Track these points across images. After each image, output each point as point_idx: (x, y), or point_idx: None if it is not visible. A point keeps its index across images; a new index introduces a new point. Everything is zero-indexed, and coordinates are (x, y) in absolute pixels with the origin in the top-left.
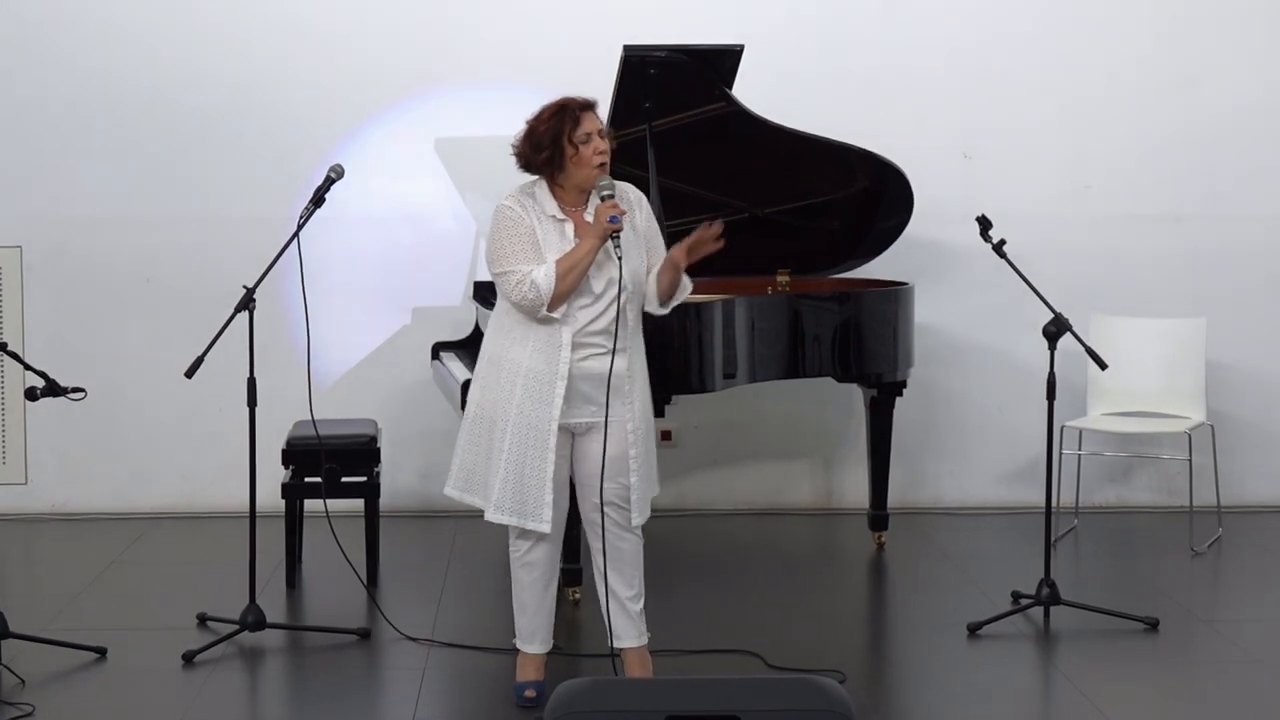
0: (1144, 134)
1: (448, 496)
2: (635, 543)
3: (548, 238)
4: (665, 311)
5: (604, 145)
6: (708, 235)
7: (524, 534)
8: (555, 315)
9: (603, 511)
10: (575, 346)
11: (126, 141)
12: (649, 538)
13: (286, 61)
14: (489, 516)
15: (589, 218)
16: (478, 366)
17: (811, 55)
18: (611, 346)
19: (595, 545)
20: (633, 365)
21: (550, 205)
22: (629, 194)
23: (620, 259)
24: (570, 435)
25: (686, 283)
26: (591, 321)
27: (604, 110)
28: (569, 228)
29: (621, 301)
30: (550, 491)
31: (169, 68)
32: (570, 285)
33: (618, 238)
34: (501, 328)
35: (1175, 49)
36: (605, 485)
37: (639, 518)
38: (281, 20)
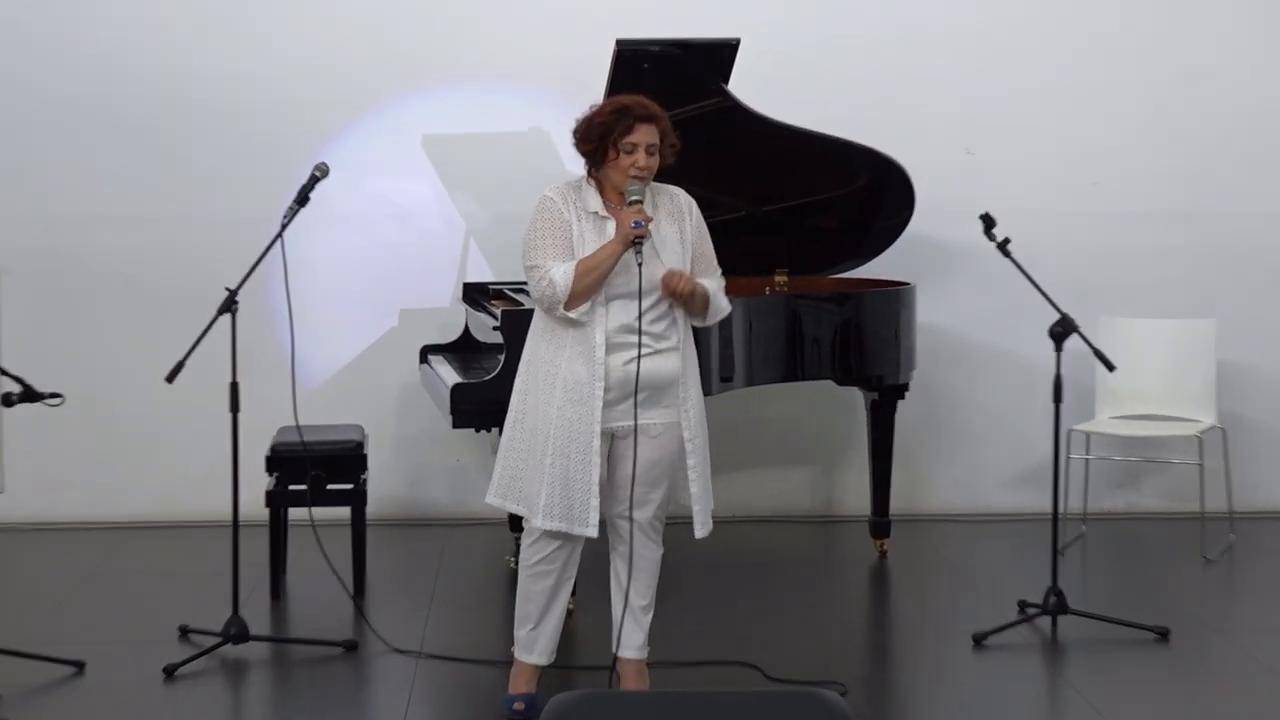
0: (1152, 128)
1: (489, 505)
2: (657, 553)
3: (586, 235)
4: (706, 323)
5: (645, 161)
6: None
7: (548, 539)
8: (573, 315)
9: (631, 517)
10: (616, 348)
11: (105, 140)
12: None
13: (270, 57)
14: (538, 523)
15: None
16: (519, 370)
17: (809, 49)
18: (663, 347)
19: (619, 550)
20: (686, 368)
21: (594, 201)
22: (679, 199)
23: (640, 265)
24: (611, 438)
25: (720, 305)
26: (636, 320)
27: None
28: (610, 225)
29: (643, 308)
30: (596, 496)
31: (150, 64)
32: (589, 286)
33: (640, 244)
34: (537, 330)
35: (1184, 41)
36: (637, 490)
37: (702, 530)
38: (265, 15)
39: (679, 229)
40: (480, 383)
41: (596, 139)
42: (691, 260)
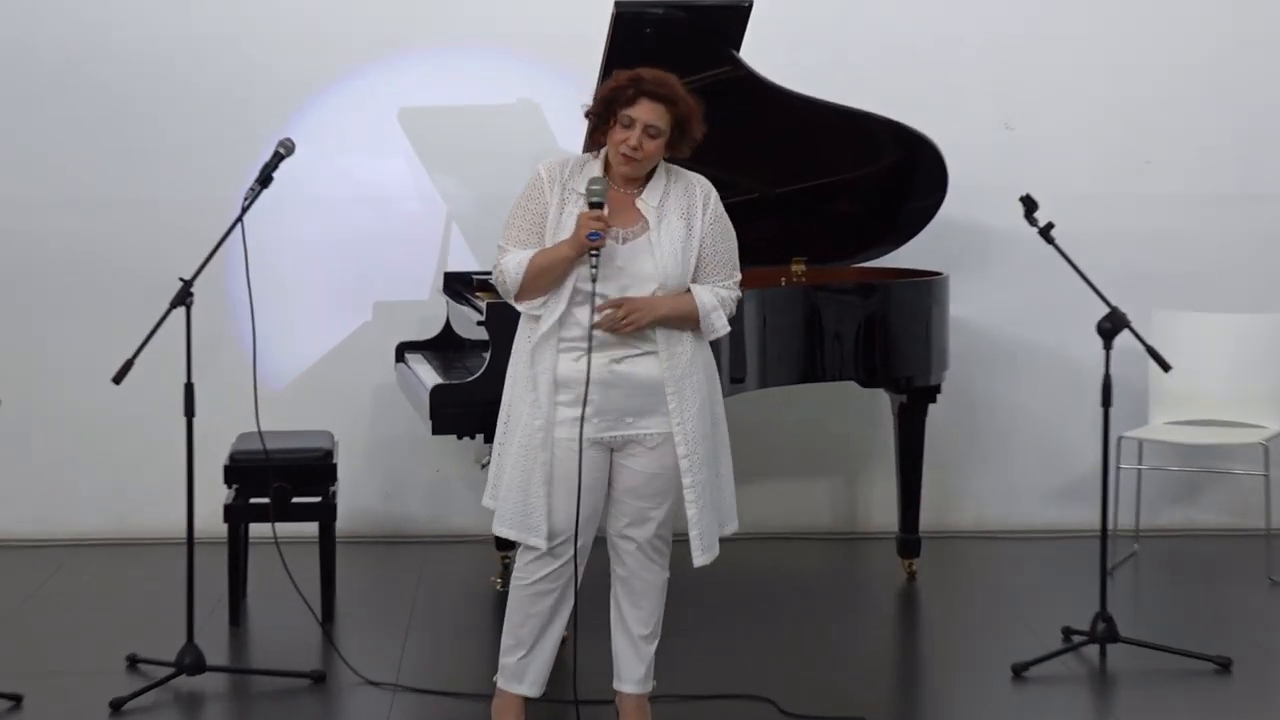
0: (1211, 102)
1: (473, 519)
2: (661, 576)
3: (568, 221)
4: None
5: (638, 141)
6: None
7: (552, 554)
8: (524, 309)
9: (617, 535)
10: (600, 346)
11: (43, 114)
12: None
13: (227, 20)
14: (494, 528)
15: (642, 201)
16: (510, 362)
17: (829, 12)
18: (635, 353)
19: (618, 572)
20: (678, 373)
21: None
22: (695, 190)
23: (594, 279)
24: (608, 450)
25: (713, 325)
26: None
27: (589, 78)
28: (604, 212)
29: (593, 320)
30: (545, 504)
31: (94, 29)
32: (541, 286)
33: (596, 256)
34: (522, 319)
35: (1250, 4)
36: (636, 506)
37: (702, 557)
38: None
39: (686, 225)
40: (463, 384)
41: (602, 106)
42: (698, 261)
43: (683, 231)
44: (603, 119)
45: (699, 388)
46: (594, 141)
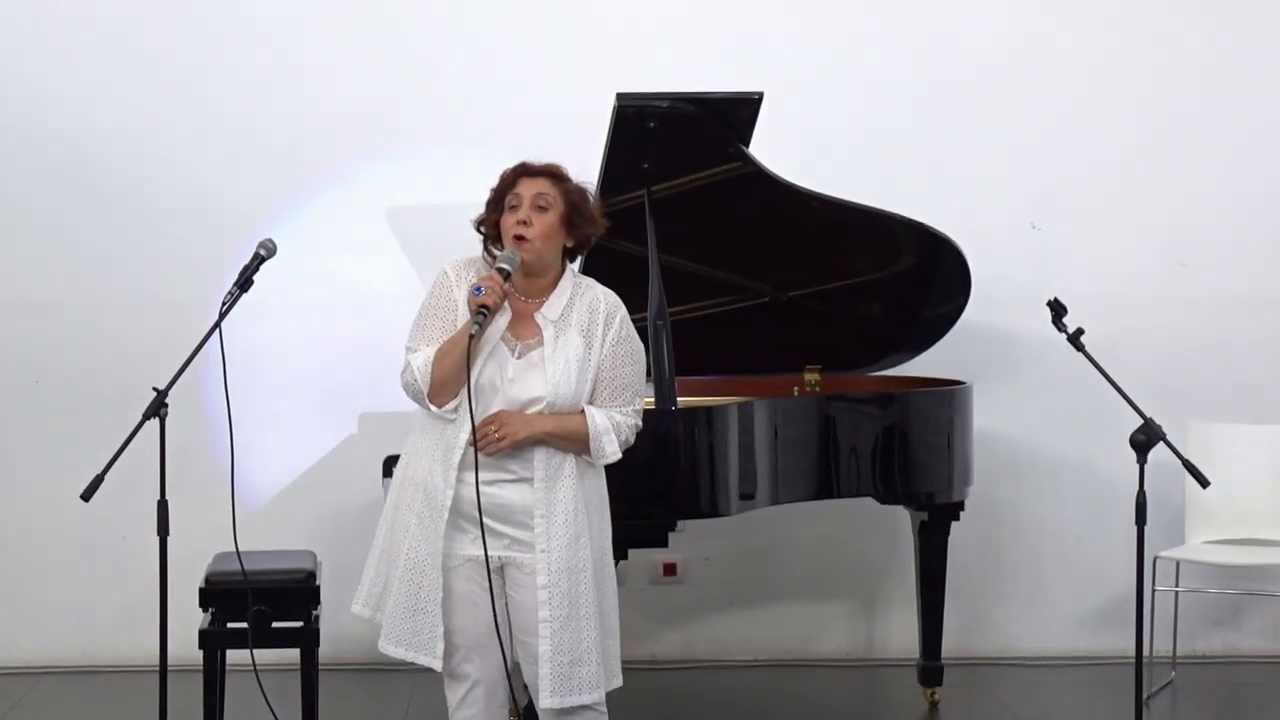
0: (1249, 200)
1: (354, 615)
2: (596, 716)
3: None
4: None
5: (527, 215)
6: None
7: (459, 677)
8: (439, 410)
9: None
10: (482, 466)
11: (6, 212)
12: (648, 693)
13: (208, 115)
14: (380, 645)
15: (541, 315)
16: (396, 466)
17: (846, 106)
18: (506, 477)
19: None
20: (554, 499)
21: None
22: (600, 305)
23: (472, 339)
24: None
25: (603, 449)
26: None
27: (592, 173)
28: (502, 319)
29: (473, 414)
30: (443, 623)
31: (61, 120)
32: (445, 372)
33: (481, 316)
34: (417, 424)
35: None
36: (528, 648)
37: (552, 699)
38: (201, 67)
39: (585, 342)
40: None
41: (492, 203)
42: (595, 383)
43: (581, 349)
44: (493, 212)
45: (572, 518)
46: (490, 253)
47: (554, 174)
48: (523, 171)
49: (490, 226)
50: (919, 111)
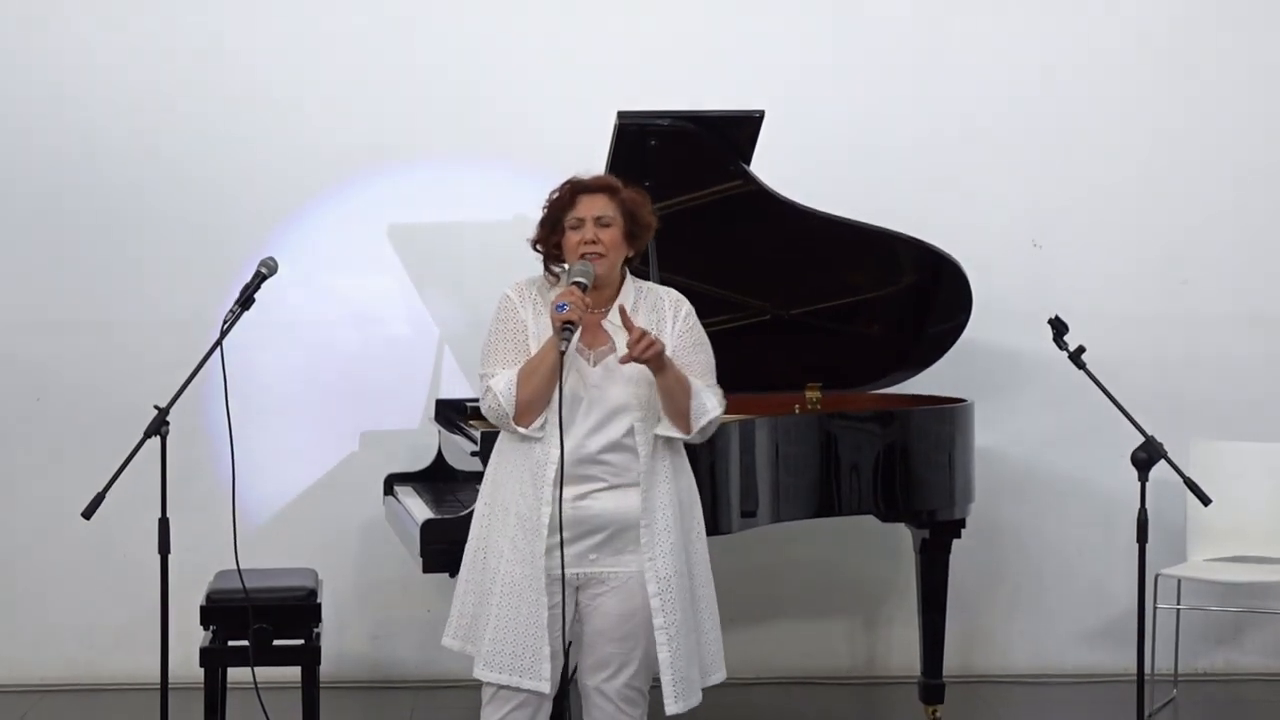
0: (1251, 217)
1: (445, 648)
2: None
3: (546, 337)
4: (690, 438)
5: (594, 234)
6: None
7: (504, 698)
8: (525, 431)
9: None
10: (571, 479)
11: (9, 229)
12: (649, 710)
13: (208, 134)
14: (477, 673)
15: (609, 322)
16: (480, 494)
17: (847, 124)
18: (618, 481)
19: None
20: (654, 505)
21: None
22: (665, 301)
23: (561, 354)
24: (577, 588)
25: (705, 405)
26: (585, 447)
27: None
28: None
29: (563, 426)
30: (547, 644)
31: (63, 140)
32: (532, 392)
33: (569, 331)
34: (500, 448)
35: None
36: (606, 651)
37: (675, 705)
38: (201, 85)
39: (656, 334)
40: (455, 518)
41: (551, 225)
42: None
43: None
44: (553, 233)
45: (673, 524)
46: (551, 271)
47: (609, 187)
48: (579, 189)
49: (550, 246)
50: (920, 130)
